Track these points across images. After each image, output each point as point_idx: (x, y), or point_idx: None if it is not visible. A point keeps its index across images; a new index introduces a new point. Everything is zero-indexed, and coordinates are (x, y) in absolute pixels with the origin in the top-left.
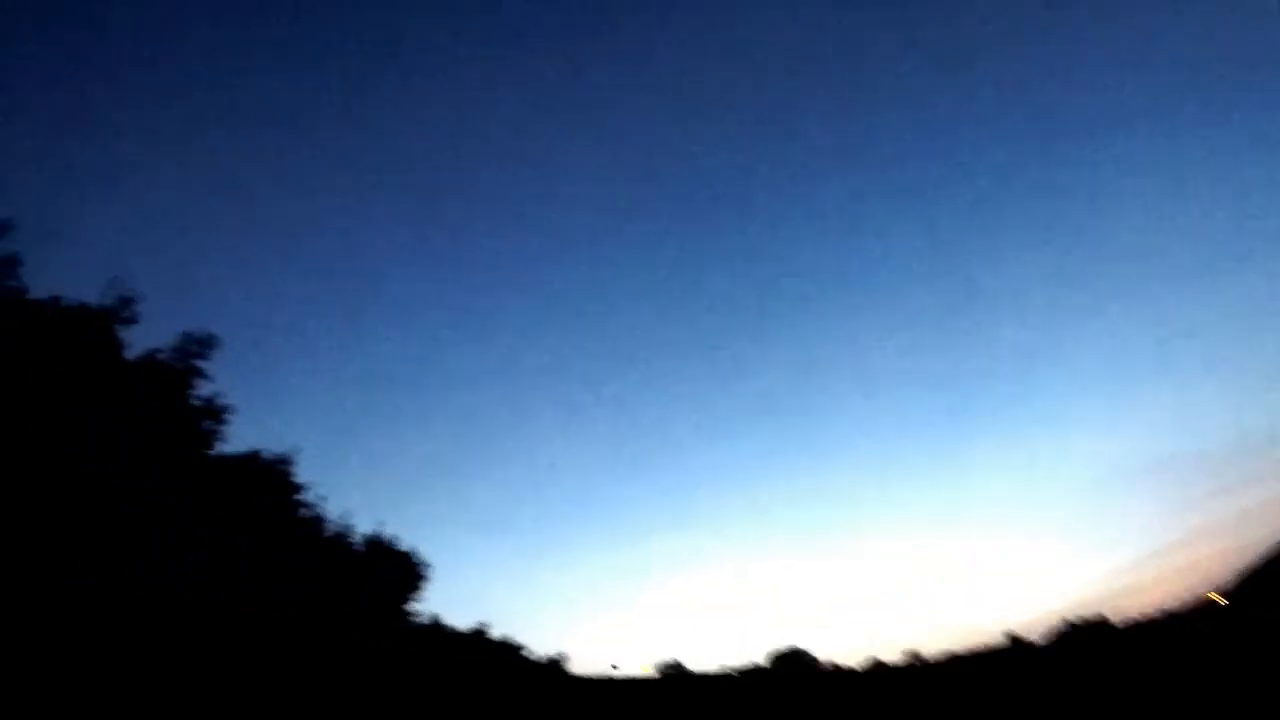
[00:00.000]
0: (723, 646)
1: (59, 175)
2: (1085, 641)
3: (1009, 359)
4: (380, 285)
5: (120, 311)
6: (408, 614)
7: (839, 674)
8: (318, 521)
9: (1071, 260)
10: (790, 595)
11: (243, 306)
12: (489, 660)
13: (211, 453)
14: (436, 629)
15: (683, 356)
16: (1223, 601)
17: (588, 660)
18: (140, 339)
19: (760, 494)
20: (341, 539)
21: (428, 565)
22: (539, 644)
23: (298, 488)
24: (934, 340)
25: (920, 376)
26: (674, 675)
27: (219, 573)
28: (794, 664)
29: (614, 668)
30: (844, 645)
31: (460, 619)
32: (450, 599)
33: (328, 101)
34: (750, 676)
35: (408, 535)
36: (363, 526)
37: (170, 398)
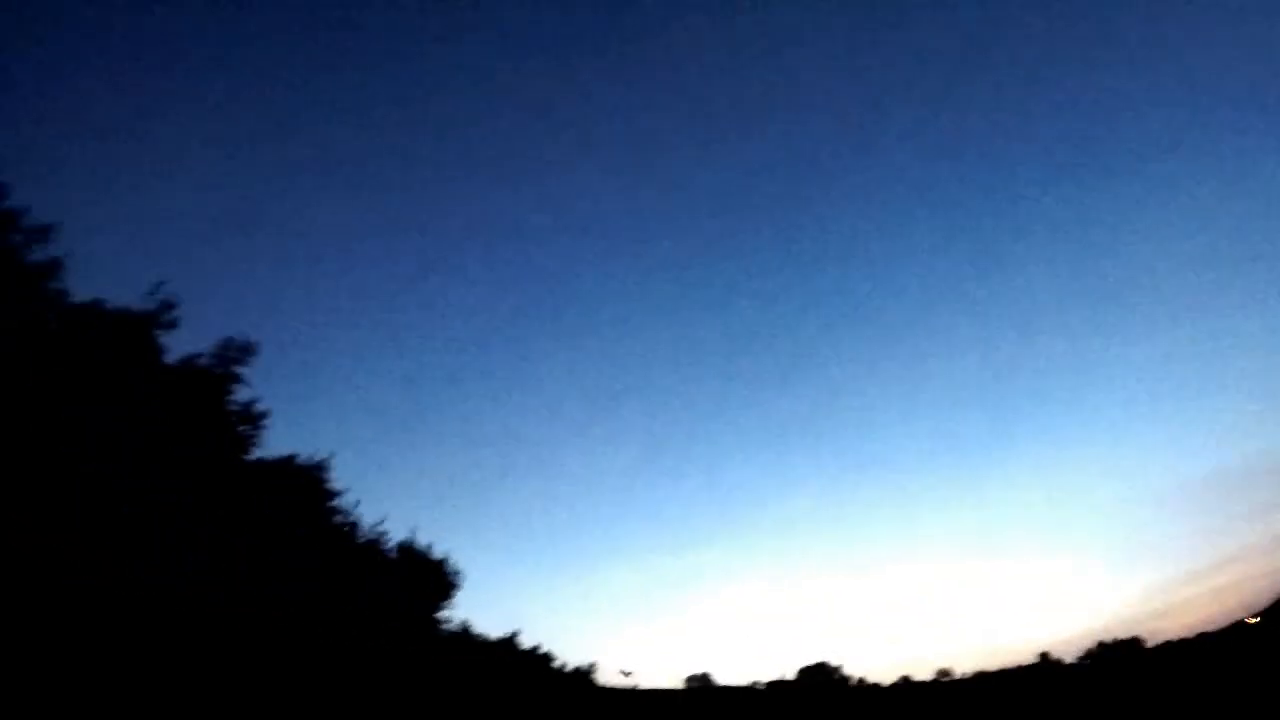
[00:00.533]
0: (752, 660)
1: (102, 180)
2: (1117, 662)
3: (1047, 375)
4: (418, 294)
5: (160, 316)
6: (438, 621)
7: (867, 689)
8: (351, 527)
9: (1113, 276)
10: (821, 610)
11: (281, 313)
12: (517, 669)
13: (248, 458)
14: (466, 636)
15: (720, 371)
16: (1257, 623)
17: (617, 671)
18: (180, 344)
19: (794, 508)
20: (374, 545)
21: (460, 573)
22: (569, 654)
23: (332, 493)
24: (972, 357)
25: (958, 393)
26: (701, 688)
27: (251, 577)
28: (821, 678)
29: (625, 674)
30: (874, 661)
31: (492, 627)
32: (483, 607)
33: (368, 108)
34: (778, 690)
35: (441, 542)
36: (396, 533)
37: (208, 403)
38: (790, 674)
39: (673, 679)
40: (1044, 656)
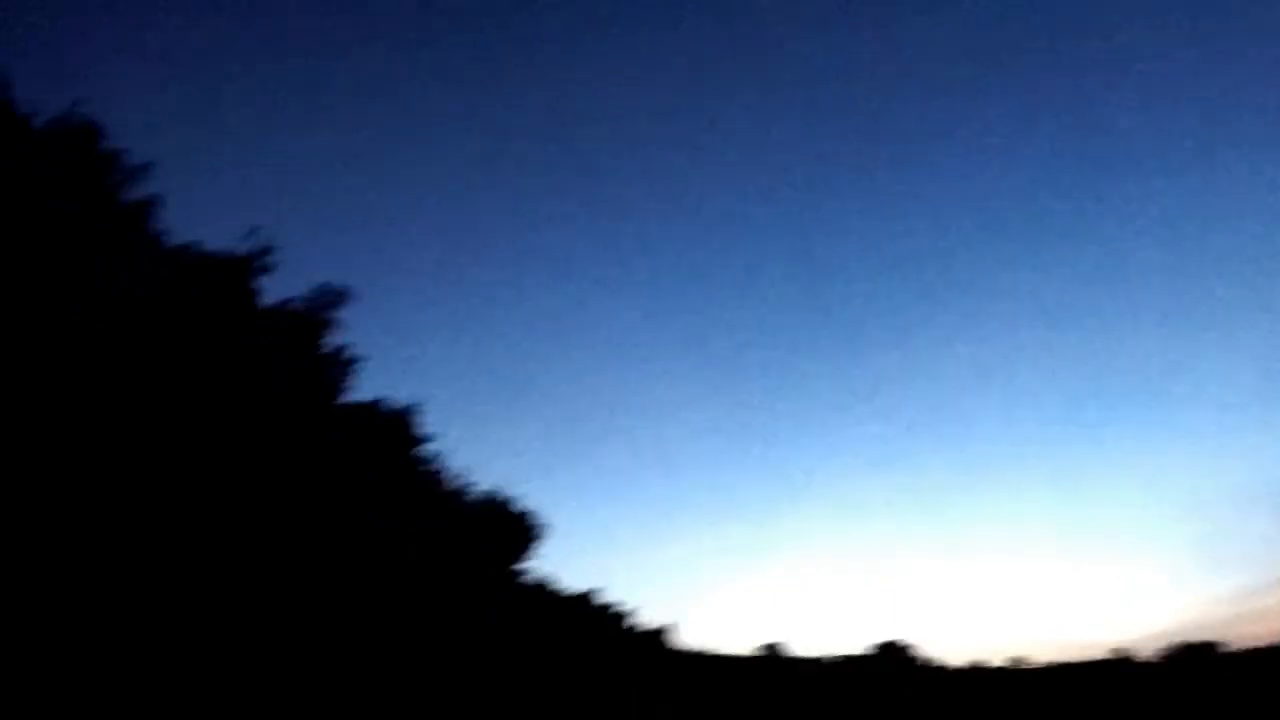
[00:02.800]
0: (826, 632)
1: (200, 123)
2: (1192, 663)
3: (1141, 367)
4: (515, 245)
5: (257, 260)
6: (519, 573)
7: (939, 670)
8: (438, 475)
9: (1211, 271)
10: (898, 587)
11: (377, 260)
12: (593, 624)
13: (339, 402)
14: (544, 589)
15: (813, 341)
16: None
17: (693, 633)
18: (275, 288)
19: (879, 483)
20: (459, 494)
21: (544, 525)
22: (647, 613)
23: (420, 440)
24: (1064, 344)
25: (1049, 379)
26: (774, 656)
27: (339, 521)
28: (894, 655)
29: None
30: (947, 643)
31: (571, 582)
32: (564, 561)
33: (471, 54)
34: (850, 664)
35: (526, 495)
36: (482, 483)
37: (302, 347)
38: (863, 649)
39: (745, 646)
40: (1119, 652)
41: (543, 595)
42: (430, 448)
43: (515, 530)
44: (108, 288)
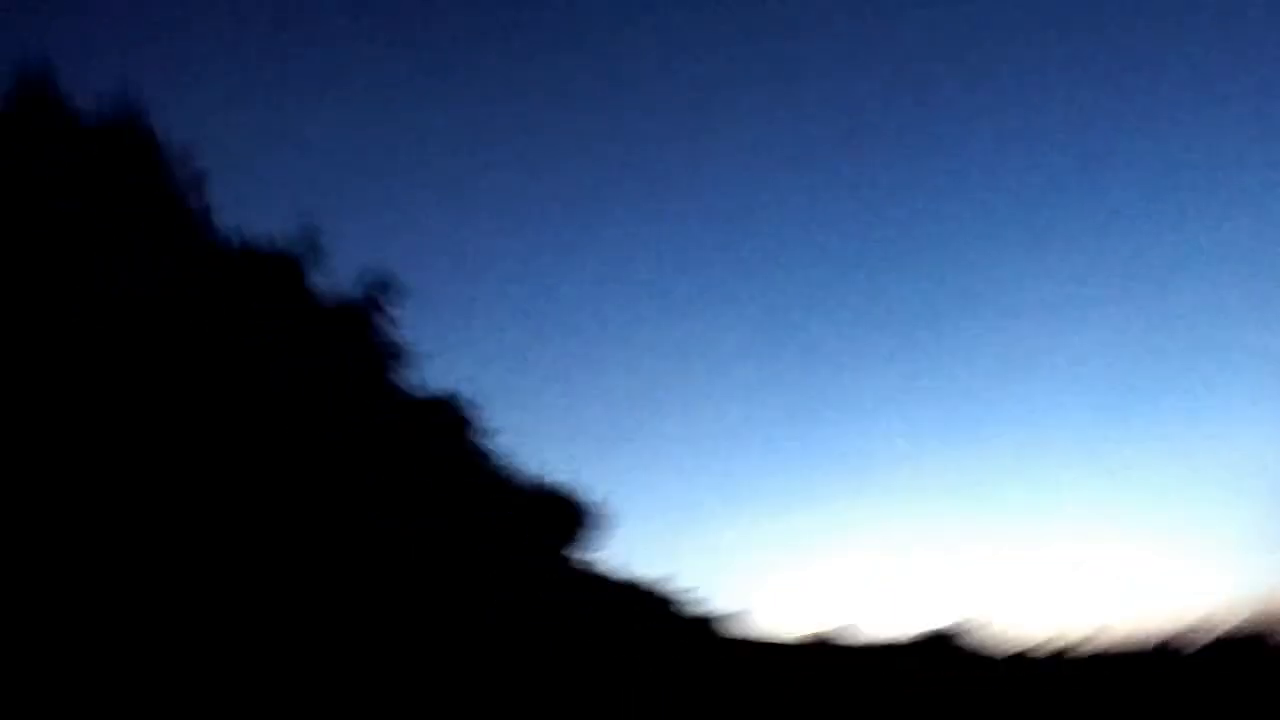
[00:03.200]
0: (889, 616)
1: (252, 112)
2: (1248, 651)
3: (1200, 346)
4: (576, 230)
5: (309, 252)
6: (586, 561)
7: (997, 655)
8: (500, 464)
9: (1268, 248)
10: (958, 572)
11: (432, 247)
12: (661, 610)
13: (398, 394)
14: (612, 577)
15: (874, 319)
16: None
17: (760, 618)
18: (328, 280)
19: (941, 467)
20: (522, 483)
21: (609, 513)
22: (711, 598)
23: (481, 429)
24: (1128, 321)
25: (1116, 359)
26: (842, 641)
27: (404, 513)
28: (953, 640)
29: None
30: (1007, 627)
31: (636, 568)
32: (628, 548)
33: (516, 40)
34: (911, 648)
35: (589, 482)
36: (544, 471)
37: (356, 338)
38: (922, 634)
39: (808, 631)
40: (1172, 637)
41: (608, 583)
42: (491, 437)
43: (578, 518)
44: (155, 282)
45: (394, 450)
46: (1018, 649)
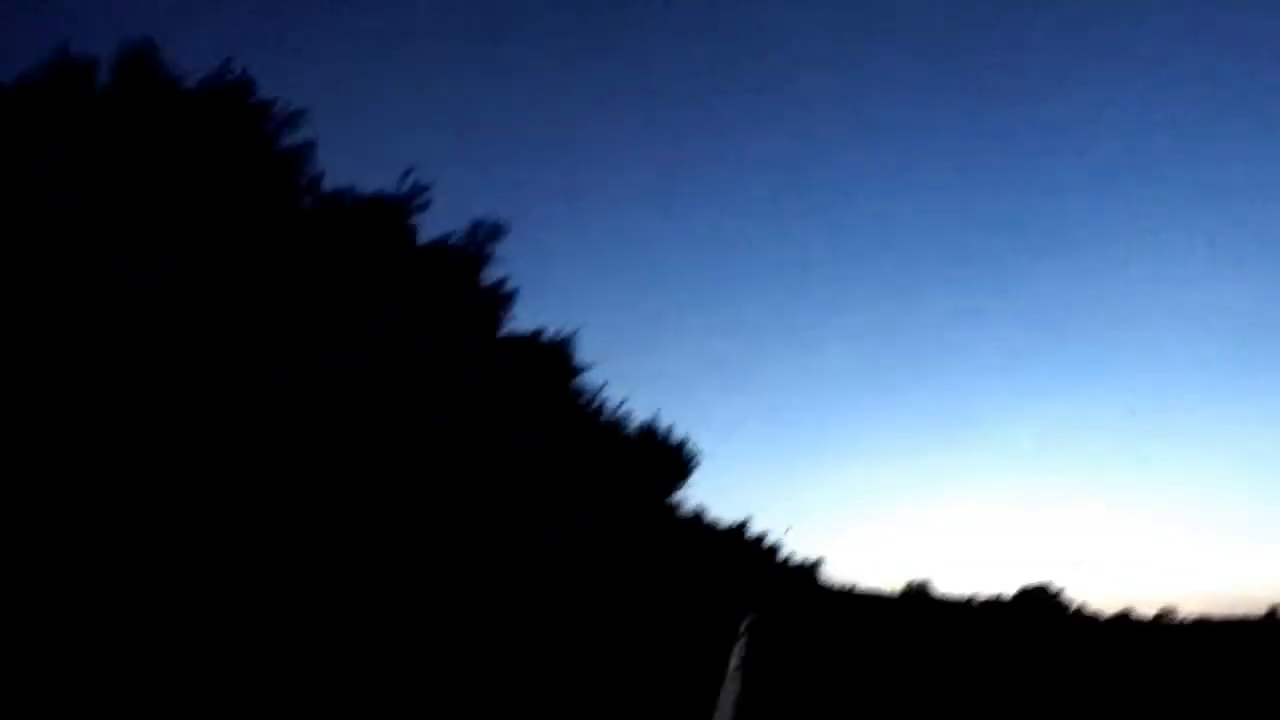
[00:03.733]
0: (973, 573)
1: (351, 64)
2: None
3: None
4: (666, 175)
5: (413, 200)
6: (674, 505)
7: (1085, 618)
8: (595, 405)
9: None
10: (1047, 532)
11: (531, 194)
12: (746, 556)
13: (499, 334)
14: (699, 521)
15: (968, 271)
16: None
17: (839, 569)
18: (431, 226)
19: (1033, 423)
20: (616, 425)
21: (697, 457)
22: (795, 547)
23: (578, 370)
24: (1226, 284)
25: (1216, 321)
26: (921, 595)
27: (500, 452)
28: (1041, 600)
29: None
30: (1095, 590)
31: (720, 513)
32: (710, 493)
33: None
34: (995, 607)
35: (678, 425)
36: (637, 413)
37: (460, 282)
38: (1012, 592)
39: (892, 583)
40: (1274, 611)
41: (697, 527)
42: (587, 378)
43: (670, 461)
44: (263, 239)
45: (499, 389)
46: (1110, 611)
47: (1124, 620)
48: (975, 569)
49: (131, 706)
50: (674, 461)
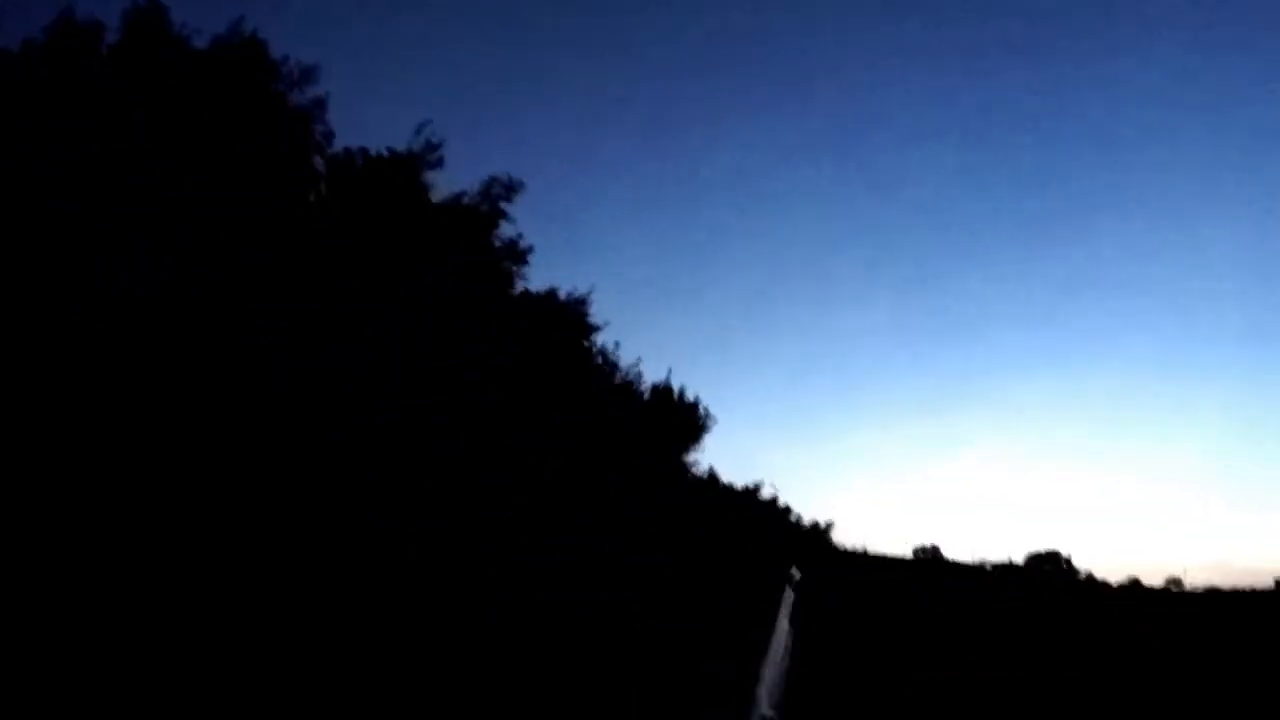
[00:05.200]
0: (982, 538)
1: (365, 21)
2: None
3: None
4: (682, 139)
5: (427, 156)
6: (687, 465)
7: (1096, 585)
8: (609, 363)
9: None
10: (1058, 498)
11: (547, 153)
12: (759, 518)
13: (513, 292)
14: (714, 482)
15: (986, 235)
16: None
17: (849, 532)
18: (446, 183)
19: (1044, 389)
20: (630, 384)
21: (711, 419)
22: (805, 509)
23: (592, 328)
24: (1246, 255)
25: (1232, 295)
26: (932, 559)
27: (515, 408)
28: (1051, 567)
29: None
30: (1103, 557)
31: (731, 474)
32: (722, 457)
33: None
34: (1005, 572)
35: (692, 387)
36: (651, 373)
37: (474, 239)
38: (1021, 558)
39: (901, 547)
40: None
41: (710, 487)
42: (601, 337)
43: (683, 422)
44: (278, 198)
45: (513, 347)
46: (1118, 580)
47: (1137, 589)
48: (981, 535)
49: (131, 706)
50: (687, 422)
